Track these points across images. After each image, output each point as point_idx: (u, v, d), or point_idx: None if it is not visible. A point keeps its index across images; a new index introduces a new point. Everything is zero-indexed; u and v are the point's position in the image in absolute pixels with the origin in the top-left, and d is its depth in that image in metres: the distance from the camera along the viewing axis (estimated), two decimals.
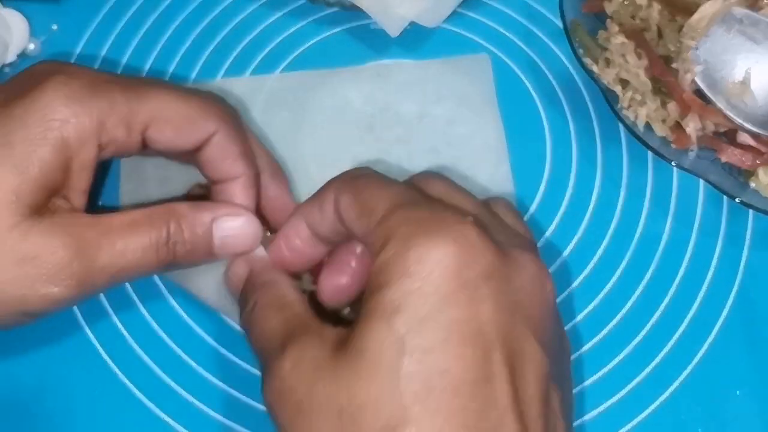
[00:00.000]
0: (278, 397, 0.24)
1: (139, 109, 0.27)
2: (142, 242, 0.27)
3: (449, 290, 0.23)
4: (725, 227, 0.37)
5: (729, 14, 0.37)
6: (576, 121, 0.40)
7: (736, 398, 0.34)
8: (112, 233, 0.27)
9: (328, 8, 0.42)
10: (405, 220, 0.24)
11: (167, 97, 0.28)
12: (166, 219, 0.28)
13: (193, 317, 0.35)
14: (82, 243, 0.26)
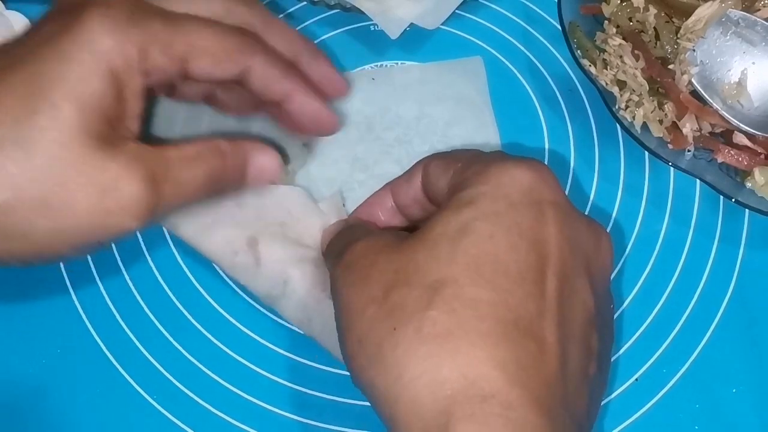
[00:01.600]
0: (345, 268, 0.27)
1: (179, 39, 0.28)
2: (196, 175, 0.29)
3: (519, 201, 0.25)
4: (721, 227, 0.38)
5: (725, 16, 0.37)
6: (574, 121, 0.40)
7: (732, 396, 0.34)
8: (174, 167, 0.28)
9: (329, 10, 0.42)
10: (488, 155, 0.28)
11: (205, 29, 0.29)
12: (213, 154, 0.30)
13: (193, 315, 0.36)
14: (154, 176, 0.27)
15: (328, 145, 0.39)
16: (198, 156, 0.29)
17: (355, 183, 0.38)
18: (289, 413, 0.34)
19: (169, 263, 0.37)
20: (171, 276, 0.36)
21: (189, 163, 0.29)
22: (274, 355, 0.35)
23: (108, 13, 0.27)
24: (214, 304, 0.36)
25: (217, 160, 0.30)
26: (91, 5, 0.27)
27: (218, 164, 0.30)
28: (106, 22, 0.26)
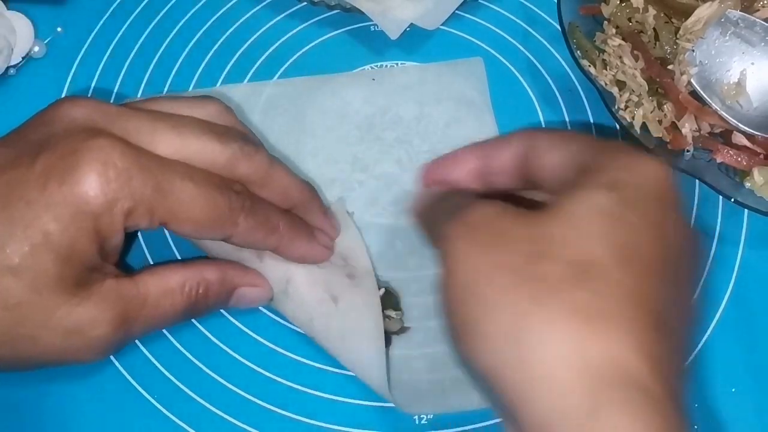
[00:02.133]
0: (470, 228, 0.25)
1: (165, 205, 0.28)
2: (174, 307, 0.31)
3: (661, 197, 0.25)
4: (721, 227, 0.38)
5: (725, 17, 0.38)
6: (573, 122, 0.40)
7: (731, 396, 0.34)
8: (149, 302, 0.30)
9: (330, 10, 0.42)
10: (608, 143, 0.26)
11: (192, 196, 0.29)
12: (197, 284, 0.31)
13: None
14: (124, 317, 0.29)
15: (328, 145, 0.39)
16: (180, 288, 0.30)
17: (355, 183, 0.38)
18: (290, 413, 0.34)
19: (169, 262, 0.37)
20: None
21: (167, 297, 0.30)
22: (274, 354, 0.35)
23: (104, 171, 0.27)
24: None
25: (201, 290, 0.31)
26: (90, 154, 0.27)
27: (201, 295, 0.31)
28: (99, 182, 0.27)
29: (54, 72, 0.41)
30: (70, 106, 0.29)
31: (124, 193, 0.27)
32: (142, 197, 0.27)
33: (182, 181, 0.28)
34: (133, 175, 0.27)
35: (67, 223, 0.27)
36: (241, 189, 0.30)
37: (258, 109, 0.40)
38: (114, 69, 0.41)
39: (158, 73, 0.41)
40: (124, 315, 0.29)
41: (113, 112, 0.29)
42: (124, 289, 0.29)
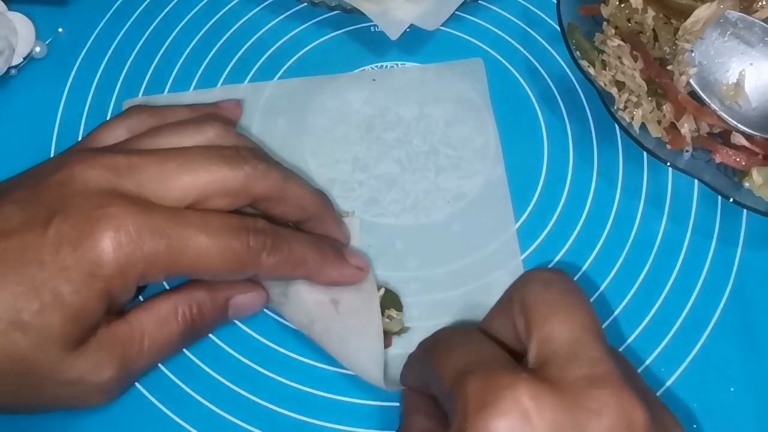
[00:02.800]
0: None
1: (179, 262, 0.29)
2: (171, 335, 0.31)
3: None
4: (719, 227, 0.38)
5: (724, 17, 0.38)
6: (573, 122, 0.40)
7: (730, 395, 0.34)
8: (146, 337, 0.30)
9: (330, 11, 0.43)
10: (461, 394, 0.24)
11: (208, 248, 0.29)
12: (188, 306, 0.31)
13: None
14: (124, 361, 0.29)
15: (329, 145, 0.39)
16: (173, 314, 0.31)
17: (355, 183, 0.38)
18: (291, 412, 0.34)
19: None
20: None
21: (165, 324, 0.31)
22: (274, 353, 0.35)
23: (118, 238, 0.27)
24: None
25: (195, 311, 0.31)
26: (102, 221, 0.28)
27: (196, 315, 0.32)
28: (113, 247, 0.27)
29: (55, 73, 0.42)
30: (83, 167, 0.29)
31: (137, 257, 0.28)
32: (156, 258, 0.28)
33: (196, 236, 0.29)
34: (146, 239, 0.28)
35: (78, 286, 0.27)
36: (262, 226, 0.31)
37: (258, 110, 0.40)
38: (115, 70, 0.42)
39: (159, 73, 0.41)
40: (123, 357, 0.29)
41: (124, 167, 0.29)
42: (119, 332, 0.29)
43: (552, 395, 0.23)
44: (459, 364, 0.25)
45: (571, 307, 0.25)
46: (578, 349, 0.24)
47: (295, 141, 0.39)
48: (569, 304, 0.26)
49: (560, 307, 0.25)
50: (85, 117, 0.40)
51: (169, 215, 0.29)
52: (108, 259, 0.27)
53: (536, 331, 0.25)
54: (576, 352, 0.24)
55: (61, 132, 0.40)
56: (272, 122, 0.40)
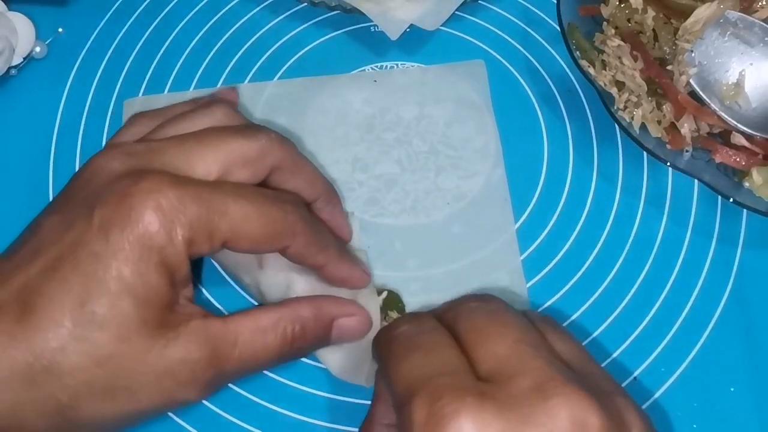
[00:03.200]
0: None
1: (223, 226, 0.28)
2: (268, 347, 0.29)
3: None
4: (719, 227, 0.38)
5: (724, 17, 0.38)
6: (573, 122, 0.40)
7: (730, 395, 0.34)
8: (240, 341, 0.29)
9: (330, 11, 0.43)
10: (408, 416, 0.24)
11: (247, 212, 0.29)
12: (291, 323, 0.30)
13: None
14: (214, 354, 0.28)
15: (329, 145, 0.39)
16: (273, 327, 0.30)
17: (355, 183, 0.38)
18: (290, 412, 0.34)
19: None
20: None
21: (261, 336, 0.29)
22: None
23: (159, 205, 0.27)
24: (216, 304, 0.36)
25: (297, 329, 0.30)
26: (141, 195, 0.27)
27: (298, 333, 0.30)
28: (157, 216, 0.27)
29: (55, 73, 0.42)
30: (104, 159, 0.29)
31: (182, 222, 0.27)
32: (200, 223, 0.28)
33: (235, 200, 0.29)
34: (187, 204, 0.28)
35: (136, 264, 0.27)
36: (294, 200, 0.31)
37: (258, 110, 0.40)
38: (115, 70, 0.42)
39: (159, 73, 0.41)
40: (214, 354, 0.28)
41: (144, 151, 0.30)
42: (213, 328, 0.28)
43: (499, 418, 0.22)
44: (410, 376, 0.25)
45: (500, 326, 0.26)
46: (518, 362, 0.24)
47: (295, 141, 0.39)
48: (499, 323, 0.26)
49: (492, 329, 0.26)
50: (85, 117, 0.40)
51: (204, 184, 0.29)
52: (155, 229, 0.27)
53: (474, 354, 0.25)
54: (517, 365, 0.24)
55: (61, 132, 0.40)
56: (272, 122, 0.40)
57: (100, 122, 0.40)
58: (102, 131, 0.40)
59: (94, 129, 0.40)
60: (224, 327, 0.29)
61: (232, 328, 0.29)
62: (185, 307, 0.29)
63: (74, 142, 0.40)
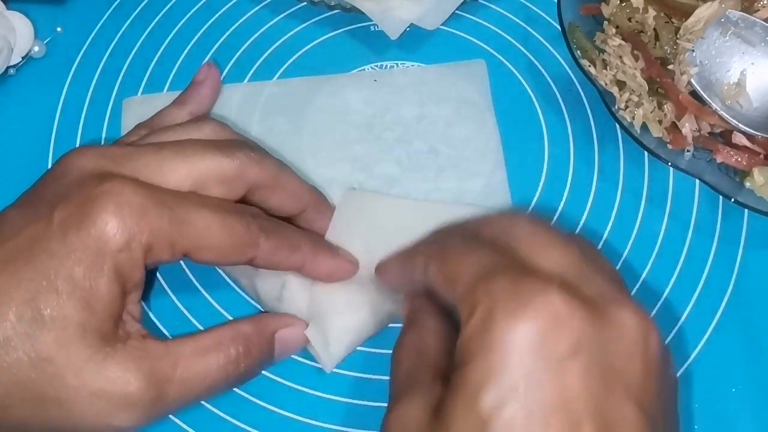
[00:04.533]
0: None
1: (184, 235, 0.28)
2: (211, 368, 0.29)
3: (533, 368, 0.22)
4: (721, 227, 0.38)
5: (725, 17, 0.38)
6: (573, 122, 0.40)
7: (732, 395, 0.34)
8: (182, 363, 0.28)
9: (329, 10, 0.42)
10: (486, 293, 0.24)
11: (210, 223, 0.29)
12: (234, 341, 0.30)
13: (193, 315, 0.36)
14: (153, 376, 0.27)
15: (328, 145, 0.39)
16: (215, 347, 0.29)
17: (355, 183, 0.38)
18: (290, 413, 0.34)
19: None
20: (172, 275, 0.36)
21: (202, 358, 0.29)
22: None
23: (119, 209, 0.27)
24: (214, 303, 0.36)
25: (241, 348, 0.30)
26: (103, 197, 0.27)
27: (240, 353, 0.30)
28: (116, 220, 0.27)
29: (54, 72, 0.41)
30: (77, 157, 0.29)
31: (141, 228, 0.27)
32: (160, 230, 0.27)
33: (198, 210, 0.28)
34: (149, 210, 0.27)
35: (88, 266, 0.26)
36: (257, 212, 0.31)
37: (258, 109, 0.40)
38: (114, 69, 0.41)
39: (158, 73, 0.41)
40: (153, 375, 0.27)
41: (119, 155, 0.29)
42: (151, 347, 0.28)
43: (581, 305, 0.23)
44: (478, 267, 0.24)
45: (565, 239, 0.26)
46: (588, 273, 0.25)
47: (294, 141, 0.39)
48: (562, 237, 0.26)
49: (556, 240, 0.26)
50: (84, 116, 0.40)
51: (170, 191, 0.28)
52: (112, 233, 0.27)
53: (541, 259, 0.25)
54: (587, 275, 0.25)
55: (60, 132, 0.40)
56: (272, 122, 0.40)
57: (99, 121, 0.40)
58: (101, 130, 0.40)
59: (93, 128, 0.40)
60: (164, 348, 0.28)
61: (172, 349, 0.28)
62: (128, 324, 0.28)
63: (73, 141, 0.40)
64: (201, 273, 0.36)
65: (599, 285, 0.25)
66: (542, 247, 0.26)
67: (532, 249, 0.26)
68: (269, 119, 0.40)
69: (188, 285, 0.36)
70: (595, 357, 0.23)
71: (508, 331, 0.22)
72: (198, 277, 0.36)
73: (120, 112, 0.40)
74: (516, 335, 0.22)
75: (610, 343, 0.23)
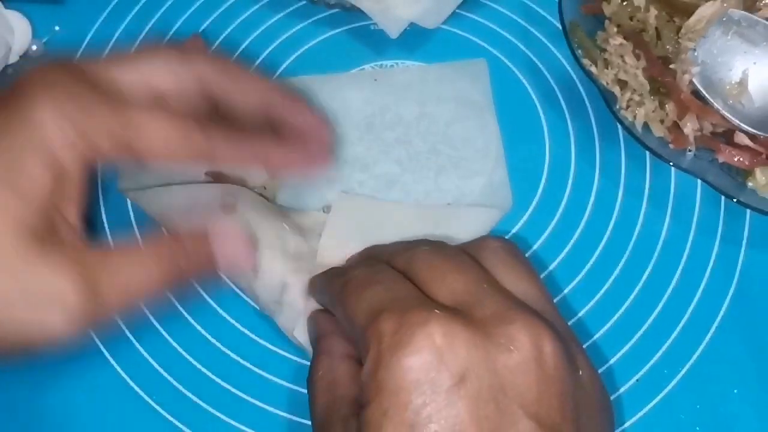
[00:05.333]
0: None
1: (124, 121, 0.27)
2: (149, 276, 0.28)
3: (422, 404, 0.23)
4: (723, 226, 0.38)
5: (727, 16, 0.37)
6: (575, 121, 0.40)
7: (733, 397, 0.34)
8: (115, 264, 0.27)
9: (329, 9, 0.42)
10: (375, 333, 0.24)
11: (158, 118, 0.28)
12: (171, 249, 0.28)
13: (192, 315, 0.36)
14: (87, 277, 0.26)
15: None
16: (153, 254, 0.28)
17: (355, 183, 0.38)
18: (289, 413, 0.34)
19: None
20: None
21: (135, 258, 0.28)
22: (273, 354, 0.35)
23: (52, 96, 0.26)
24: (213, 304, 0.36)
25: (176, 256, 0.28)
26: (34, 87, 0.26)
27: (178, 261, 0.28)
28: (49, 107, 0.26)
29: None
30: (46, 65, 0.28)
31: (80, 117, 0.26)
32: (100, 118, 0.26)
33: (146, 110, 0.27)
34: (86, 99, 0.26)
35: (21, 155, 0.25)
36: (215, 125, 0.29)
37: None
38: None
39: None
40: (90, 279, 0.26)
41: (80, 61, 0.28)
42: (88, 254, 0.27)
43: (464, 331, 0.24)
44: (373, 302, 0.25)
45: (457, 266, 0.27)
46: (480, 295, 0.25)
47: None
48: (455, 264, 0.27)
49: (450, 267, 0.27)
50: None
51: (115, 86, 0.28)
52: (45, 119, 0.25)
53: (432, 290, 0.26)
54: (479, 298, 0.25)
55: None
56: None
57: None
58: None
59: None
60: (100, 255, 0.27)
61: (108, 257, 0.27)
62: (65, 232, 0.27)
63: None
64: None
65: (493, 306, 0.25)
66: (436, 276, 0.27)
67: (426, 279, 0.27)
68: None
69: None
70: (485, 380, 0.23)
71: (395, 370, 0.23)
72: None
73: None
74: (402, 373, 0.23)
75: (499, 363, 0.23)
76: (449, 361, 0.23)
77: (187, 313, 0.36)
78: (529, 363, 0.24)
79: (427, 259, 0.27)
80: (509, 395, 0.23)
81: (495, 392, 0.23)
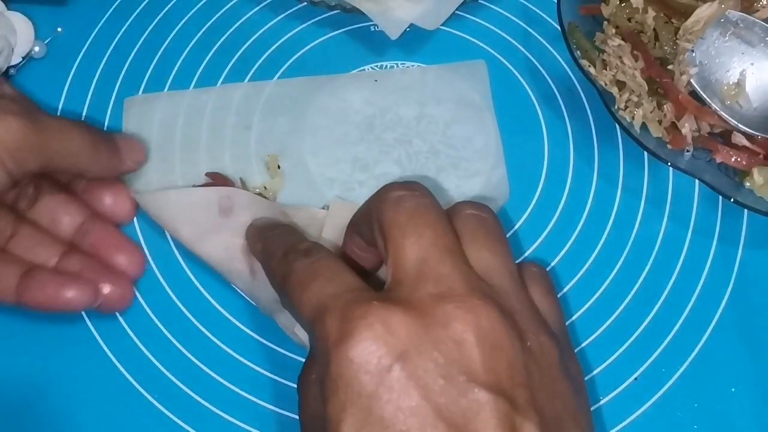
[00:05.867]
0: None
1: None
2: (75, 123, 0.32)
3: (373, 391, 0.23)
4: (720, 227, 0.38)
5: (724, 17, 0.38)
6: (573, 122, 0.40)
7: (731, 395, 0.34)
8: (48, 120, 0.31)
9: (329, 10, 0.42)
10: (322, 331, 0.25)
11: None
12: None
13: (192, 314, 0.36)
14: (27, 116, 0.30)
15: (329, 145, 0.39)
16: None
17: (355, 183, 0.38)
18: (288, 412, 0.34)
19: (168, 262, 0.37)
20: (170, 275, 0.36)
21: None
22: (273, 353, 0.35)
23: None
24: (213, 302, 0.36)
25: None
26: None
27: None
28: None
29: (54, 72, 0.41)
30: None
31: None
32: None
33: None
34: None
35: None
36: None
37: (258, 109, 0.40)
38: (114, 69, 0.41)
39: (158, 73, 0.41)
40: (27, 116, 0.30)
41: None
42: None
43: (402, 315, 0.24)
44: (315, 299, 0.26)
45: (421, 226, 0.26)
46: (426, 268, 0.26)
47: (295, 140, 0.39)
48: (419, 223, 0.27)
49: (410, 229, 0.26)
50: (85, 116, 0.40)
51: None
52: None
53: (390, 255, 0.26)
54: (424, 271, 0.25)
55: None
56: (272, 121, 0.40)
57: (100, 121, 0.40)
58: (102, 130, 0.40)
59: None
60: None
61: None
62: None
63: None
64: (201, 272, 0.36)
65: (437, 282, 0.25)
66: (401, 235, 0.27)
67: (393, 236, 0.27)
68: (269, 119, 0.40)
69: (187, 284, 0.36)
70: (428, 356, 0.24)
71: (344, 364, 0.24)
72: (197, 275, 0.36)
73: (121, 112, 0.40)
74: (351, 365, 0.24)
75: (440, 339, 0.24)
76: (390, 343, 0.24)
77: (188, 314, 0.36)
78: (468, 335, 0.24)
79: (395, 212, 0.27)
80: (456, 369, 0.24)
81: (441, 368, 0.24)
